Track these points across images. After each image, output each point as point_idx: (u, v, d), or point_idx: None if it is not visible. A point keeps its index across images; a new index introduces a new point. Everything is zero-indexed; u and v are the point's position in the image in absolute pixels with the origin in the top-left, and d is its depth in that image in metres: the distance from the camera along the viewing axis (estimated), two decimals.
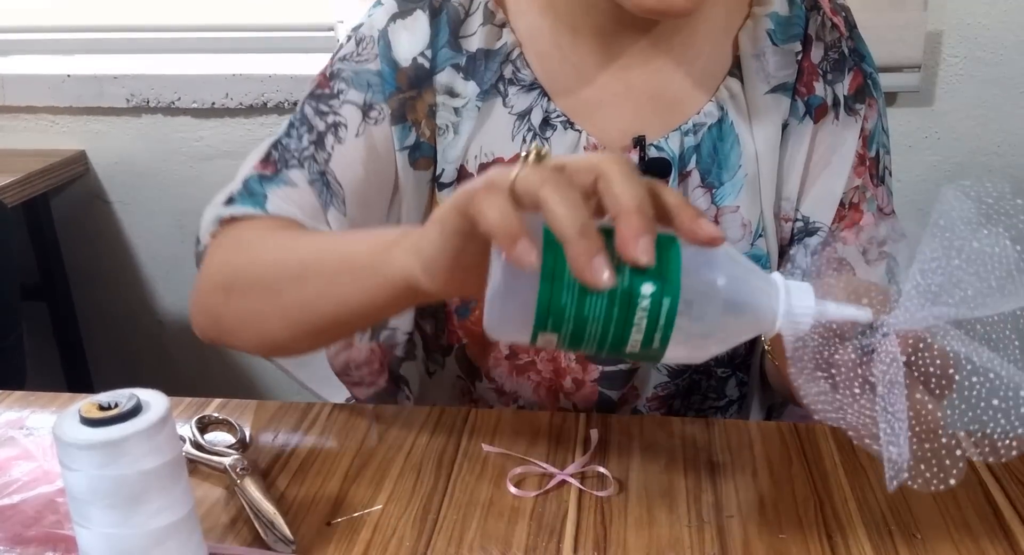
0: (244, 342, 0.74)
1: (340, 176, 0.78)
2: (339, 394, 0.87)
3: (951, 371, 0.56)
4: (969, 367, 0.54)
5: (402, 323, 0.86)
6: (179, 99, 1.70)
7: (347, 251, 0.66)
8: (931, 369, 0.56)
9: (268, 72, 1.66)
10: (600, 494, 0.67)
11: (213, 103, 1.69)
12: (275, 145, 0.80)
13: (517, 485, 0.68)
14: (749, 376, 0.88)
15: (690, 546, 0.62)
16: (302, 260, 0.69)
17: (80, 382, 1.88)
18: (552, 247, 0.48)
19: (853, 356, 0.57)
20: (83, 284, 1.87)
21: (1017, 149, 1.58)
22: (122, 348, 1.94)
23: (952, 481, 0.55)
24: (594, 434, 0.73)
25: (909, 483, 0.55)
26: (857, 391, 0.57)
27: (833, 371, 0.58)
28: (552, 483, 0.68)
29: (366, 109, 0.79)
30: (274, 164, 0.79)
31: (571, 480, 0.68)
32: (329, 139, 0.78)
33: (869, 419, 0.56)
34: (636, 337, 0.49)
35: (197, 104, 1.69)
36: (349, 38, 0.81)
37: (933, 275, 0.55)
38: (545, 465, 0.70)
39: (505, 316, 0.50)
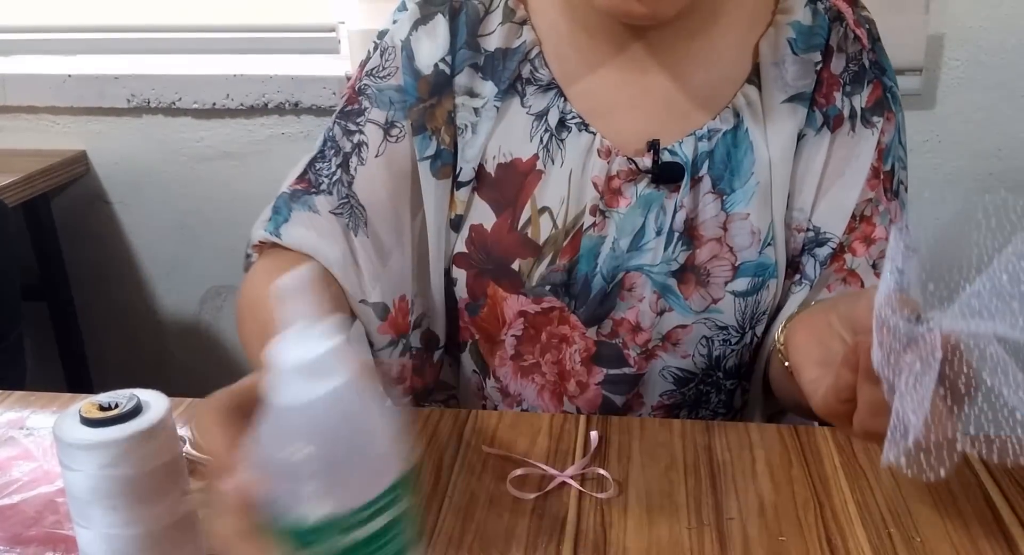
0: None
1: (363, 198, 0.80)
2: None
3: (964, 392, 0.54)
4: (983, 397, 0.53)
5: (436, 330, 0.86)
6: (180, 99, 1.70)
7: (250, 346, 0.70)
8: (957, 381, 0.54)
9: (269, 73, 1.66)
10: (600, 496, 0.67)
11: (214, 103, 1.69)
12: (311, 164, 0.82)
13: (517, 487, 0.68)
14: (751, 384, 0.87)
15: (690, 548, 0.62)
16: (247, 330, 0.73)
17: (80, 382, 1.88)
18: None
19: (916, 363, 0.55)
20: (84, 284, 1.87)
21: (1018, 152, 1.58)
22: (122, 348, 1.94)
23: (943, 471, 0.54)
24: (594, 436, 0.73)
25: (905, 468, 0.54)
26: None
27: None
28: (552, 485, 0.68)
29: (387, 127, 0.80)
30: (308, 182, 0.81)
31: (571, 482, 0.68)
32: (353, 161, 0.80)
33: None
34: None
35: (198, 104, 1.69)
36: (376, 46, 0.82)
37: (999, 284, 0.53)
38: (545, 467, 0.70)
39: None
